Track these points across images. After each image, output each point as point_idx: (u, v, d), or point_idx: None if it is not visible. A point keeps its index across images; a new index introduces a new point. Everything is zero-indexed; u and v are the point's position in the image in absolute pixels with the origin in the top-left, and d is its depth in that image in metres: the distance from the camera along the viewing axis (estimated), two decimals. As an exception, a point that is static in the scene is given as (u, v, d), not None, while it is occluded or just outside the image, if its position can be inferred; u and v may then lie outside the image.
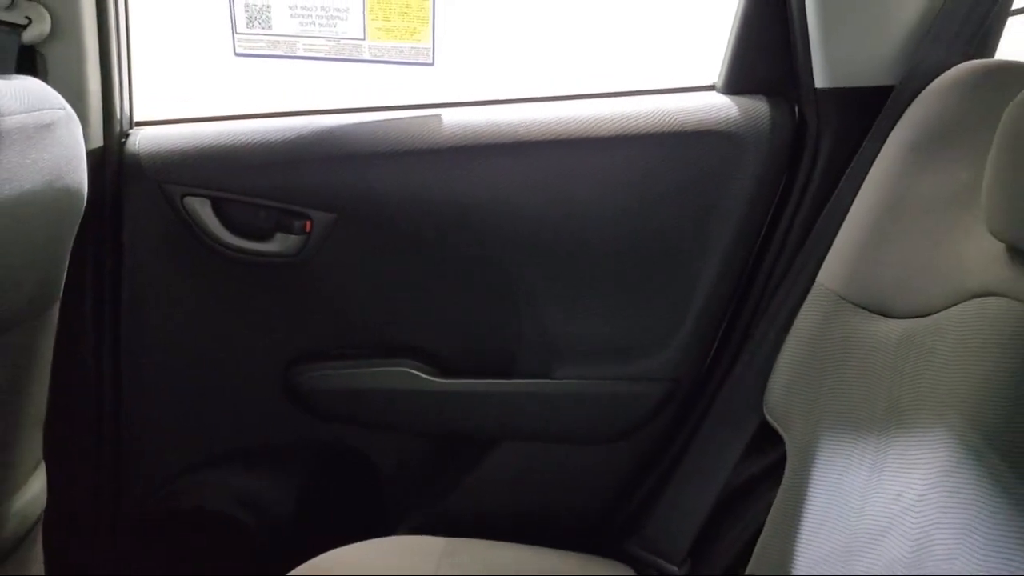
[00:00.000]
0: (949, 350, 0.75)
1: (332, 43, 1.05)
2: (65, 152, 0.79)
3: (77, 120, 0.83)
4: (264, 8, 1.01)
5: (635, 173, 1.06)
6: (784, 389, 0.94)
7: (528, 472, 1.18)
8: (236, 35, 1.03)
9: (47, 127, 0.75)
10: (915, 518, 0.72)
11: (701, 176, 1.06)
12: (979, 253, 0.75)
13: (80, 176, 0.83)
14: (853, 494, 0.80)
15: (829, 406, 0.87)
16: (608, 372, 1.12)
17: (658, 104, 1.06)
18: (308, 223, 1.08)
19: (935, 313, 0.77)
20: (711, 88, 1.09)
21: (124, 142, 1.07)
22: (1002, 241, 0.70)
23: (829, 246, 0.94)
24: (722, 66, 1.08)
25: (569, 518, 1.18)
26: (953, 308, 0.75)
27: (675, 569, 1.08)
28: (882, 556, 0.74)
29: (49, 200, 0.79)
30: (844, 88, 1.01)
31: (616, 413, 1.13)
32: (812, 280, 0.95)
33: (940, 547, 0.69)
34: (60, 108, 0.78)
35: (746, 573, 0.94)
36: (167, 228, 1.08)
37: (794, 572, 0.84)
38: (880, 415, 0.80)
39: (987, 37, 0.96)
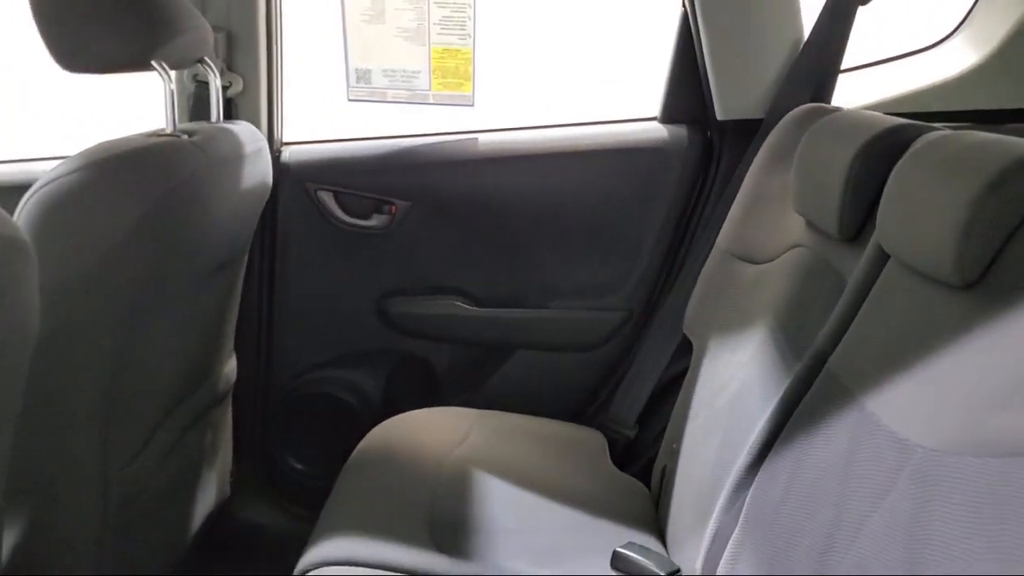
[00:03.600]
0: (776, 279, 1.07)
1: (409, 92, 1.43)
2: (266, 166, 1.24)
3: (268, 146, 1.29)
4: (367, 71, 1.44)
5: (601, 176, 1.43)
6: (694, 313, 1.28)
7: (534, 371, 1.51)
8: (349, 87, 1.45)
9: (259, 151, 1.20)
10: (743, 375, 1.05)
11: (643, 180, 1.42)
12: (794, 223, 1.07)
13: (269, 179, 1.28)
14: (718, 366, 1.12)
15: (715, 320, 1.18)
16: (585, 304, 1.48)
17: (615, 130, 1.45)
18: (393, 207, 1.46)
19: (774, 260, 1.11)
20: (654, 119, 1.48)
21: (279, 155, 1.47)
22: (800, 215, 1.04)
23: (723, 223, 1.27)
24: (661, 102, 1.47)
25: (561, 400, 1.50)
26: (781, 256, 1.09)
27: (627, 432, 1.42)
28: (725, 397, 1.07)
29: (257, 191, 1.22)
30: (735, 120, 1.37)
31: (591, 331, 1.48)
32: (713, 244, 1.27)
33: (748, 390, 1.00)
34: (262, 140, 1.24)
35: (666, 432, 1.25)
36: (305, 210, 1.47)
37: (689, 416, 1.15)
38: (738, 321, 1.13)
39: (824, 86, 1.30)
